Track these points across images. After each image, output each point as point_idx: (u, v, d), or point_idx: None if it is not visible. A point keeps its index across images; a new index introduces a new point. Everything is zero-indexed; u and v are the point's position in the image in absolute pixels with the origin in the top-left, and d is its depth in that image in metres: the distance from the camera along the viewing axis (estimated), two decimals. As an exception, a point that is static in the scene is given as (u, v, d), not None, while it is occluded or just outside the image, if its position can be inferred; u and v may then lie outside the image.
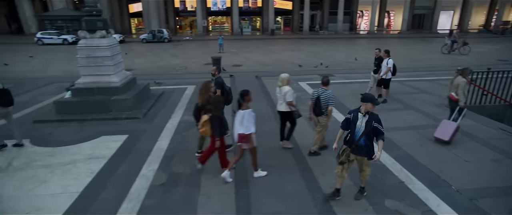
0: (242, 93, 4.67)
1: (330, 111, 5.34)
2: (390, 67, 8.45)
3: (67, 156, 5.75)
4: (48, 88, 11.55)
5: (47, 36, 28.47)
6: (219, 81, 6.29)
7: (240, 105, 4.64)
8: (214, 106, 4.75)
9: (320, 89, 5.36)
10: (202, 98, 5.23)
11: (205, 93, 5.27)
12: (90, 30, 8.07)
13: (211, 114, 4.74)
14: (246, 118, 4.50)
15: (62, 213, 4.08)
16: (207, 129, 4.81)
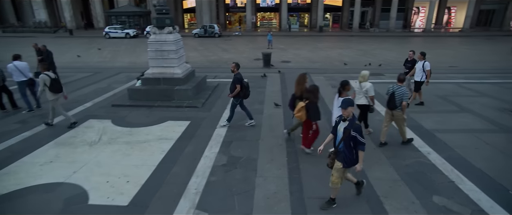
0: (342, 83, 5.33)
1: (405, 106, 5.71)
2: (430, 70, 8.21)
3: (142, 136, 6.71)
4: (119, 77, 13.06)
5: (113, 31, 31.47)
6: (238, 77, 6.85)
7: (340, 93, 5.33)
8: (313, 94, 5.45)
9: (395, 86, 5.78)
10: (298, 89, 5.91)
11: (302, 84, 5.92)
12: (159, 26, 9.06)
13: (309, 101, 5.37)
14: None
15: (145, 180, 4.92)
16: (303, 114, 5.44)
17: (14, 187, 4.79)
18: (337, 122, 4.02)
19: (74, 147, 6.22)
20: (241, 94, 6.93)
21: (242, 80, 6.87)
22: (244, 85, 6.91)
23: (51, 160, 5.69)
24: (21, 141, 6.54)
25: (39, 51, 10.27)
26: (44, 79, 6.84)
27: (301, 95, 5.81)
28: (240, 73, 6.98)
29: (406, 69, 8.97)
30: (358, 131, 3.80)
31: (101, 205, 4.33)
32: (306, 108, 5.43)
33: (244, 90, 6.91)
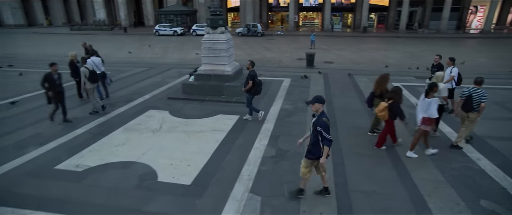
0: (431, 85, 5.58)
1: (482, 108, 5.81)
2: (454, 76, 7.89)
3: (196, 126, 7.43)
4: (171, 72, 14.15)
5: (162, 28, 33.54)
6: (252, 74, 7.42)
7: (427, 94, 5.55)
8: (397, 95, 5.79)
9: (472, 88, 5.92)
10: (379, 88, 6.29)
11: (383, 84, 6.30)
12: (213, 26, 9.78)
13: (393, 100, 5.70)
14: (432, 105, 5.41)
15: (203, 165, 5.56)
16: (386, 114, 5.77)
17: (99, 162, 5.71)
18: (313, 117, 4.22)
19: (140, 133, 7.09)
20: (253, 90, 7.47)
21: (255, 77, 7.47)
22: (256, 82, 7.49)
23: (123, 142, 6.59)
24: (97, 125, 7.60)
25: (86, 49, 11.59)
26: (84, 72, 8.13)
27: (380, 94, 6.15)
28: (254, 70, 7.59)
29: (432, 74, 8.80)
30: (323, 127, 3.99)
31: (168, 183, 5.02)
32: (389, 107, 5.70)
33: (256, 86, 7.48)
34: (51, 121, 7.70)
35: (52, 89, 7.42)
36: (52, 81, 7.39)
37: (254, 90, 7.52)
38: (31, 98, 10.04)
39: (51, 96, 7.48)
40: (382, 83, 6.38)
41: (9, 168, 5.56)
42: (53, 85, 7.41)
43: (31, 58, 19.17)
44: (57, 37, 33.28)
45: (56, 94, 7.50)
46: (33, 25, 49.56)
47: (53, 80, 7.39)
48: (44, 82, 7.37)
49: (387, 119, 5.83)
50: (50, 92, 7.44)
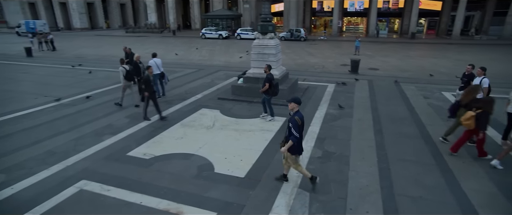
0: None
1: None
2: (488, 87, 7.36)
3: (246, 126, 7.98)
4: (218, 74, 15.01)
5: (208, 32, 35.17)
6: (269, 77, 8.16)
7: None
8: (489, 105, 5.83)
9: None
10: (467, 98, 6.40)
11: (471, 95, 6.37)
12: (263, 32, 10.33)
13: (482, 110, 5.77)
14: None
15: (254, 160, 6.06)
16: (472, 123, 5.84)
17: (162, 152, 6.49)
18: None
19: (195, 129, 7.82)
20: (270, 92, 8.14)
21: (272, 80, 8.15)
22: (273, 84, 8.13)
23: (182, 136, 7.35)
24: (157, 120, 8.49)
25: (126, 53, 12.76)
26: (121, 70, 9.31)
27: (467, 104, 6.19)
28: (271, 73, 8.33)
29: (462, 84, 8.44)
30: (293, 124, 4.58)
31: (224, 174, 5.59)
32: (477, 117, 5.75)
33: (273, 88, 8.12)
34: (148, 120, 8.36)
35: (148, 90, 8.08)
36: (149, 82, 8.09)
37: (271, 92, 8.18)
38: (101, 93, 11.39)
39: (147, 96, 8.13)
40: (471, 95, 6.33)
41: (92, 152, 6.55)
42: (149, 86, 8.09)
43: (96, 58, 21.37)
44: (114, 39, 36.44)
45: (151, 94, 8.20)
46: (95, 28, 54.62)
47: (149, 81, 8.11)
48: (143, 84, 8.07)
49: (473, 128, 5.81)
50: (146, 93, 8.08)
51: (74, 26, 52.17)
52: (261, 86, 9.08)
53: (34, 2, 53.97)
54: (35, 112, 9.38)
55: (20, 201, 4.88)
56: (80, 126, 8.13)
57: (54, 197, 4.96)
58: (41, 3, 53.44)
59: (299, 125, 4.56)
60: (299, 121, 4.59)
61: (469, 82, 8.12)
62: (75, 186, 5.26)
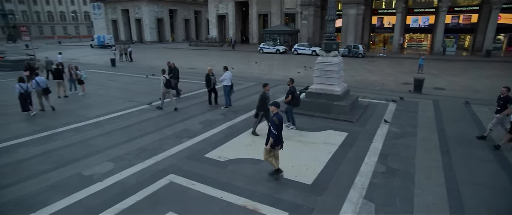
0: None
1: None
2: None
3: (309, 138, 8.46)
4: (278, 88, 15.74)
5: (266, 46, 36.54)
6: (292, 89, 9.02)
7: None
8: None
9: None
10: None
11: None
12: (326, 50, 10.81)
13: None
14: None
15: (320, 170, 6.51)
16: None
17: (235, 156, 7.30)
18: None
19: (262, 138, 8.44)
20: (292, 102, 9.05)
21: (294, 92, 9.04)
22: (295, 96, 9.01)
23: (250, 144, 8.10)
24: (227, 127, 9.42)
25: (169, 68, 13.92)
26: (162, 79, 11.15)
27: None
28: (294, 86, 9.20)
29: (498, 107, 7.87)
30: (272, 123, 5.73)
31: (292, 180, 6.13)
32: None
33: (295, 100, 9.04)
34: (257, 135, 8.60)
35: (263, 108, 8.37)
36: (265, 101, 8.35)
37: (294, 103, 9.10)
38: (176, 101, 12.85)
39: (262, 114, 8.41)
40: None
41: (175, 151, 7.62)
42: (264, 104, 8.33)
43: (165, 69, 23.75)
44: (179, 52, 39.85)
45: (265, 112, 8.38)
46: (162, 41, 60.21)
47: (265, 99, 8.38)
48: (259, 101, 8.43)
49: None
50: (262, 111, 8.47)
51: (145, 40, 58.16)
52: (323, 102, 9.48)
53: (116, 20, 61.66)
54: (125, 114, 11.02)
55: (127, 185, 6.00)
56: (162, 129, 9.40)
57: (151, 185, 5.99)
58: (121, 20, 60.84)
59: (276, 124, 5.70)
60: (277, 121, 5.71)
61: (505, 106, 7.79)
62: (166, 178, 6.26)
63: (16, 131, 9.28)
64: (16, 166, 6.91)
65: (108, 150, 7.76)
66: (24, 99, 10.79)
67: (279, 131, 5.77)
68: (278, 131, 5.74)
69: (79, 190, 5.84)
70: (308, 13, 39.92)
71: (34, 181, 6.22)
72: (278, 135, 5.78)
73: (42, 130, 9.28)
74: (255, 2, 47.10)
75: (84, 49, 46.79)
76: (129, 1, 58.54)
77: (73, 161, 7.11)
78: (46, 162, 7.10)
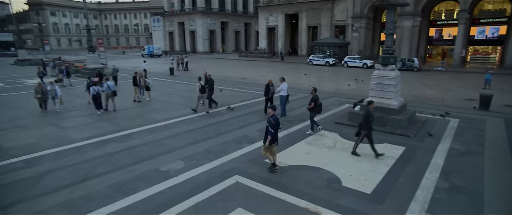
0: None
1: None
2: None
3: (366, 150, 8.52)
4: (330, 100, 15.86)
5: (315, 58, 36.64)
6: (314, 98, 9.90)
7: None
8: None
9: None
10: None
11: None
12: (384, 64, 10.83)
13: None
14: None
15: (378, 181, 6.64)
16: None
17: (294, 162, 7.73)
18: None
19: (318, 147, 8.84)
20: (315, 110, 9.90)
21: (316, 100, 9.86)
22: (317, 104, 9.87)
23: (307, 152, 8.47)
24: (283, 136, 9.87)
25: (206, 78, 14.68)
26: (198, 85, 12.78)
27: None
28: (317, 95, 10.03)
29: None
30: (269, 124, 6.74)
31: (352, 188, 6.37)
32: None
33: (317, 107, 9.88)
34: (357, 155, 8.15)
35: (366, 127, 7.84)
36: (368, 119, 7.87)
37: (316, 110, 9.95)
38: (229, 109, 13.71)
39: (365, 133, 7.88)
40: None
41: (237, 155, 8.29)
42: (368, 123, 7.87)
43: (219, 78, 25.08)
44: (230, 62, 41.65)
45: (368, 131, 7.88)
46: (213, 51, 63.37)
47: (369, 117, 7.89)
48: (363, 119, 8.00)
49: None
50: None
51: (198, 50, 61.73)
52: (378, 115, 9.52)
53: (172, 31, 66.59)
54: (188, 119, 12.10)
55: (199, 182, 6.75)
56: (223, 134, 10.19)
57: (220, 183, 6.66)
58: (177, 32, 65.50)
59: (273, 124, 6.71)
60: (273, 121, 6.73)
61: None
62: (232, 178, 6.89)
63: (102, 129, 10.77)
64: (106, 159, 8.11)
65: (178, 150, 8.69)
66: (96, 99, 12.95)
67: (276, 130, 6.79)
68: (275, 130, 6.77)
69: (159, 182, 6.72)
70: (359, 25, 39.29)
71: (122, 171, 7.29)
72: (275, 134, 6.80)
73: (121, 130, 10.64)
74: (305, 14, 47.65)
75: (153, 59, 51.12)
76: (185, 14, 62.95)
77: (151, 158, 8.12)
78: (129, 157, 8.22)
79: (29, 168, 7.50)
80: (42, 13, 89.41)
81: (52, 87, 13.03)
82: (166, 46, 67.34)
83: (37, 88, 13.09)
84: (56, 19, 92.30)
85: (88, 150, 8.73)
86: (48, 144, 9.20)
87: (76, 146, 9.07)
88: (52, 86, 13.04)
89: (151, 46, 57.73)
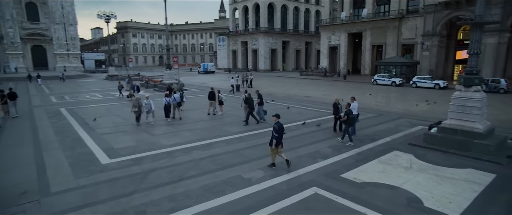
0: None
1: None
2: None
3: (447, 173, 8.24)
4: (400, 121, 15.31)
5: (380, 78, 35.37)
6: (347, 111, 11.07)
7: None
8: None
9: None
10: None
11: None
12: (466, 85, 10.33)
13: None
14: None
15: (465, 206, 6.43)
16: None
17: (370, 179, 7.86)
18: None
19: (394, 167, 8.78)
20: (348, 122, 10.95)
21: (350, 114, 10.98)
22: (350, 117, 10.97)
23: (383, 171, 8.48)
24: (355, 154, 10.00)
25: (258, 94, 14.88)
26: (242, 97, 12.95)
27: None
28: (350, 109, 11.23)
29: None
30: (274, 129, 8.33)
31: (435, 210, 6.29)
32: None
33: (350, 120, 10.97)
34: None
35: None
36: None
37: (349, 122, 10.97)
38: (298, 126, 14.16)
39: None
40: None
41: (313, 169, 8.69)
42: None
43: (283, 96, 25.91)
44: (292, 80, 42.36)
45: None
46: (274, 70, 65.13)
47: None
48: None
49: None
50: None
51: (259, 68, 64.06)
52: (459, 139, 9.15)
53: (235, 50, 70.49)
54: (260, 133, 12.87)
55: (280, 190, 7.32)
56: (296, 148, 10.66)
57: (299, 193, 7.14)
58: (240, 51, 69.13)
59: (277, 130, 8.26)
60: (277, 128, 8.30)
61: None
62: (311, 189, 7.31)
63: (185, 138, 12.15)
64: (194, 163, 9.21)
65: (255, 160, 9.42)
66: (167, 109, 15.20)
67: (280, 134, 8.33)
68: (279, 135, 8.30)
69: (244, 187, 7.46)
70: (431, 44, 36.99)
71: (210, 175, 8.23)
72: (279, 138, 8.32)
73: (202, 139, 11.86)
74: (369, 33, 46.60)
75: (208, 75, 54.93)
76: (248, 34, 66.36)
77: (232, 166, 8.98)
78: (213, 163, 9.20)
79: (136, 166, 8.94)
80: (126, 35, 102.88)
81: (148, 102, 14.41)
82: (229, 64, 71.35)
83: (134, 103, 14.55)
84: (136, 40, 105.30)
85: (177, 155, 9.98)
86: (145, 147, 10.75)
87: (167, 150, 10.43)
88: (148, 101, 14.44)
89: (206, 64, 65.08)
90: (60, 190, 7.35)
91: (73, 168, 8.80)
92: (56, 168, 8.83)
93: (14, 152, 10.40)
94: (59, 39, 61.72)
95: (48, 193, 7.18)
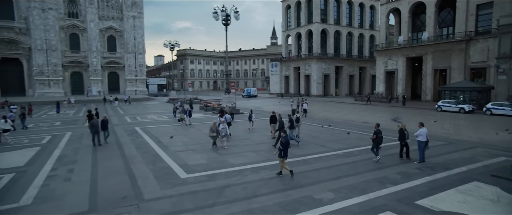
0: None
1: None
2: None
3: (541, 209, 7.52)
4: (476, 150, 14.17)
5: (446, 104, 32.95)
6: (376, 131, 11.92)
7: None
8: None
9: None
10: None
11: None
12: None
13: None
14: None
15: None
16: None
17: (447, 208, 7.55)
18: None
19: (476, 198, 8.28)
20: (376, 141, 11.86)
21: (378, 133, 11.82)
22: (379, 136, 11.83)
23: (463, 201, 8.06)
24: (428, 181, 9.61)
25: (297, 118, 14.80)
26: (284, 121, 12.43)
27: None
28: (379, 129, 12.00)
29: None
30: (281, 143, 10.08)
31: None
32: None
33: (378, 139, 11.87)
34: None
35: None
36: None
37: (377, 141, 11.89)
38: (362, 151, 13.94)
39: None
40: None
41: (383, 194, 8.59)
42: None
43: (341, 121, 25.59)
44: (347, 106, 41.52)
45: None
46: (327, 95, 64.45)
47: None
48: None
49: None
50: None
51: (312, 93, 63.94)
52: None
53: (288, 75, 71.70)
54: (324, 157, 13.00)
55: (352, 212, 7.42)
56: (363, 173, 10.61)
57: (373, 216, 7.15)
58: (292, 76, 70.09)
59: (284, 143, 9.94)
60: (284, 141, 10.01)
61: None
62: (384, 214, 7.26)
63: (250, 158, 12.80)
64: (264, 182, 9.70)
65: (323, 182, 9.62)
66: None
67: (286, 148, 9.92)
68: (284, 148, 9.87)
69: (316, 207, 7.72)
70: (509, 67, 33.65)
71: (281, 194, 8.62)
72: (285, 150, 9.90)
73: (267, 160, 12.31)
74: (430, 57, 44.17)
75: (264, 100, 56.39)
76: (301, 60, 67.27)
77: (301, 186, 9.26)
78: (282, 183, 9.60)
79: (211, 181, 9.74)
80: (184, 61, 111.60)
81: (223, 126, 14.66)
82: (281, 89, 72.47)
83: (212, 128, 14.51)
84: (193, 66, 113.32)
85: (247, 173, 10.60)
86: (216, 165, 11.62)
87: (237, 169, 11.13)
88: (223, 125, 14.70)
89: (249, 89, 69.33)
90: (152, 197, 8.38)
91: (158, 180, 9.92)
92: (144, 179, 10.03)
93: (109, 163, 12.03)
94: (130, 66, 69.93)
95: (143, 199, 8.24)
